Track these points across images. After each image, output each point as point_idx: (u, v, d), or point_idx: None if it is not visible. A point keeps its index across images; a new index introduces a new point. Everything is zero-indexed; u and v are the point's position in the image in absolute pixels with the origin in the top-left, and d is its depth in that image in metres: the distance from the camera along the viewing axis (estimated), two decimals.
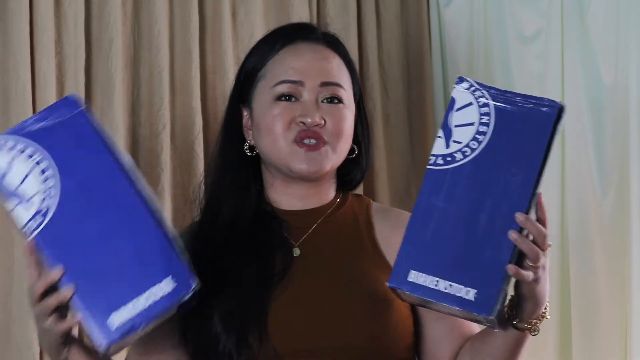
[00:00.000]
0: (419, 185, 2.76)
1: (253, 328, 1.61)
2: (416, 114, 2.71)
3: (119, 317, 1.47)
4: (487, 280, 1.48)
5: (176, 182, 2.34)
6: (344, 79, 1.74)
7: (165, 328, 1.64)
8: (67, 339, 1.55)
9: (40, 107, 2.15)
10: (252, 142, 1.76)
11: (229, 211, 1.73)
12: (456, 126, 1.54)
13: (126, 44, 2.32)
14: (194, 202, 1.81)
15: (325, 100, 1.72)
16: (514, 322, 1.59)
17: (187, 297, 1.51)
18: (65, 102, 1.58)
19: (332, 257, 1.71)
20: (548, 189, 2.38)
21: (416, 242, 1.52)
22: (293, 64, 1.72)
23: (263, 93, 1.73)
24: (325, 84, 1.71)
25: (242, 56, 1.80)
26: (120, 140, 2.26)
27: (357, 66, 2.58)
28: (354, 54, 2.60)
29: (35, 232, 1.50)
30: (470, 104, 1.55)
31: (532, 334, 1.60)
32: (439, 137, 1.55)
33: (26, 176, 1.51)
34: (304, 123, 1.69)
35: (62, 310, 1.50)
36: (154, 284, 1.49)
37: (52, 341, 1.54)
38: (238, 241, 1.70)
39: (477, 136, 1.53)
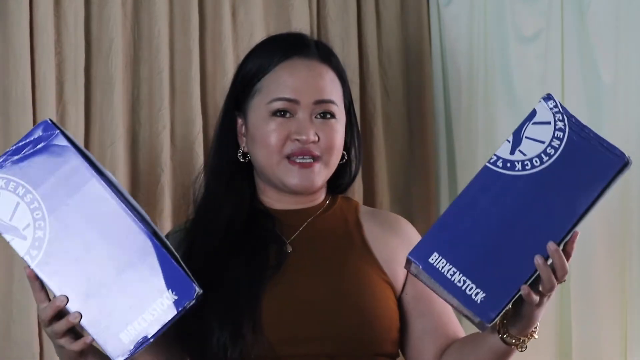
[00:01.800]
0: (419, 185, 2.77)
1: (247, 321, 1.67)
2: (416, 114, 2.71)
3: (129, 335, 1.52)
4: (499, 290, 1.52)
5: (176, 182, 2.34)
6: (336, 93, 1.81)
7: None
8: (83, 352, 1.60)
9: (40, 107, 2.16)
10: (246, 149, 1.82)
11: (224, 210, 1.79)
12: (527, 138, 1.58)
13: (126, 44, 2.32)
14: (190, 201, 1.84)
15: (318, 116, 1.79)
16: (504, 336, 1.63)
17: (192, 304, 1.53)
18: (40, 128, 1.58)
19: (322, 253, 1.78)
20: None
21: (449, 228, 1.56)
22: (289, 82, 1.78)
23: (259, 107, 1.79)
24: (319, 102, 1.78)
25: (242, 56, 1.80)
26: (120, 140, 2.26)
27: (357, 66, 2.60)
28: (353, 54, 2.60)
29: (34, 264, 1.54)
30: (548, 122, 1.59)
31: (519, 350, 1.65)
32: (508, 141, 1.58)
33: (15, 210, 1.54)
34: (299, 140, 1.76)
35: (74, 331, 1.57)
36: (158, 299, 1.52)
37: (69, 356, 1.61)
38: (232, 238, 1.75)
39: (543, 155, 1.57)
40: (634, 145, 2.48)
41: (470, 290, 1.52)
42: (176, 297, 1.52)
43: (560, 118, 1.59)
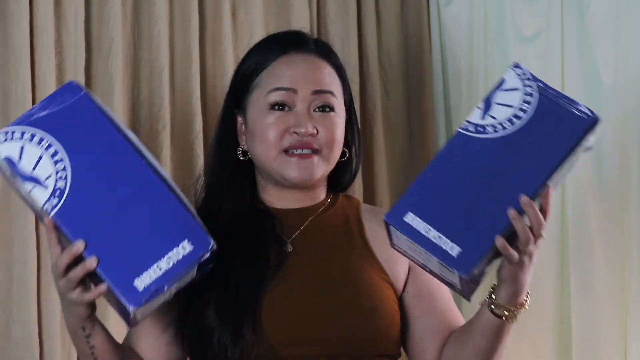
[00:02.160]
0: None
1: (247, 321, 1.67)
2: (416, 114, 2.71)
3: (143, 281, 1.54)
4: (475, 243, 1.55)
5: (176, 182, 2.32)
6: (336, 87, 1.81)
7: (161, 322, 1.72)
8: (92, 316, 1.62)
9: None
10: (245, 147, 1.82)
11: (224, 210, 1.79)
12: (497, 104, 1.64)
13: (126, 44, 2.32)
14: (191, 201, 1.84)
15: (317, 109, 1.78)
16: (492, 307, 1.64)
17: (206, 257, 1.57)
18: (66, 88, 1.65)
19: (322, 252, 1.77)
20: None
21: (423, 189, 1.60)
22: (287, 73, 1.78)
23: (258, 101, 1.79)
24: (317, 92, 1.78)
25: (242, 56, 1.80)
26: None
27: (357, 66, 2.60)
28: (353, 54, 2.60)
29: (53, 212, 1.56)
30: (516, 89, 1.65)
31: (510, 321, 1.65)
32: (478, 107, 1.64)
33: (38, 161, 1.58)
34: (297, 133, 1.75)
35: (86, 284, 1.57)
36: (173, 247, 1.56)
37: (78, 316, 1.61)
38: (233, 238, 1.75)
39: (513, 118, 1.63)
40: (634, 145, 2.48)
41: (446, 245, 1.55)
42: (192, 247, 1.56)
43: (529, 84, 1.65)
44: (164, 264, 1.55)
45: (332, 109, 1.78)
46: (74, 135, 1.60)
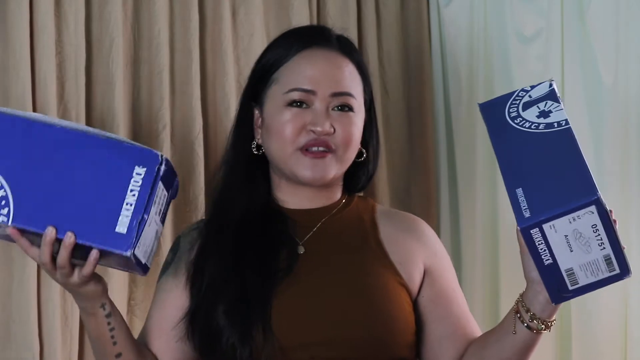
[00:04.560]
0: (419, 185, 2.76)
1: (257, 322, 1.64)
2: (416, 114, 2.71)
3: (123, 224, 1.55)
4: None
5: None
6: (355, 87, 1.77)
7: (173, 321, 1.71)
8: (106, 292, 1.63)
9: (40, 107, 2.15)
10: (260, 141, 1.79)
11: (238, 207, 1.76)
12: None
13: (126, 44, 2.32)
14: (207, 197, 1.83)
15: (335, 108, 1.74)
16: (527, 320, 1.59)
17: (163, 169, 1.58)
18: None
19: (335, 254, 1.74)
20: None
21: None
22: (306, 72, 1.74)
23: (275, 97, 1.75)
24: (336, 95, 1.74)
25: (242, 56, 1.81)
26: None
27: None
28: None
29: (10, 220, 1.56)
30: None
31: (547, 331, 1.60)
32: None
33: None
34: (314, 132, 1.72)
35: (81, 266, 1.57)
36: (129, 179, 1.57)
37: (93, 296, 1.62)
38: (245, 237, 1.73)
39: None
40: (634, 145, 2.48)
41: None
42: (145, 169, 1.57)
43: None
44: (130, 199, 1.56)
45: (350, 109, 1.75)
46: None
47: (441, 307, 1.75)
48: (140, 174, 1.57)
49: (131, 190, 1.56)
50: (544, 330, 1.61)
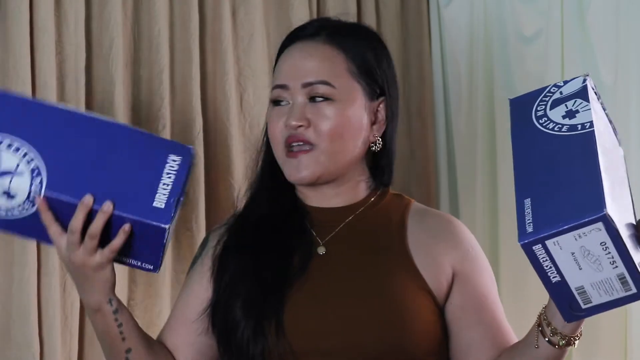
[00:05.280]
0: (419, 185, 2.76)
1: (269, 321, 1.62)
2: (416, 114, 2.71)
3: (160, 201, 1.57)
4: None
5: None
6: (331, 72, 1.68)
7: (195, 313, 1.70)
8: (114, 286, 1.60)
9: None
10: None
11: (262, 205, 1.73)
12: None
13: (126, 44, 2.32)
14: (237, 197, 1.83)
15: (311, 100, 1.68)
16: (549, 335, 1.52)
17: (192, 163, 1.64)
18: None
19: (356, 257, 1.67)
20: None
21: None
22: (282, 67, 1.71)
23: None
24: (306, 85, 1.67)
25: (242, 56, 1.81)
26: None
27: None
28: None
29: (43, 190, 1.55)
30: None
31: (569, 347, 1.52)
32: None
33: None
34: (288, 127, 1.67)
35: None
36: (165, 165, 1.61)
37: (104, 286, 1.59)
38: (266, 235, 1.70)
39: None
40: (634, 145, 2.48)
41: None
42: (180, 157, 1.62)
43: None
44: (167, 180, 1.59)
45: (326, 98, 1.66)
46: (15, 122, 1.59)
47: (470, 314, 1.67)
48: (176, 161, 1.61)
49: (167, 174, 1.60)
50: (566, 346, 1.52)
